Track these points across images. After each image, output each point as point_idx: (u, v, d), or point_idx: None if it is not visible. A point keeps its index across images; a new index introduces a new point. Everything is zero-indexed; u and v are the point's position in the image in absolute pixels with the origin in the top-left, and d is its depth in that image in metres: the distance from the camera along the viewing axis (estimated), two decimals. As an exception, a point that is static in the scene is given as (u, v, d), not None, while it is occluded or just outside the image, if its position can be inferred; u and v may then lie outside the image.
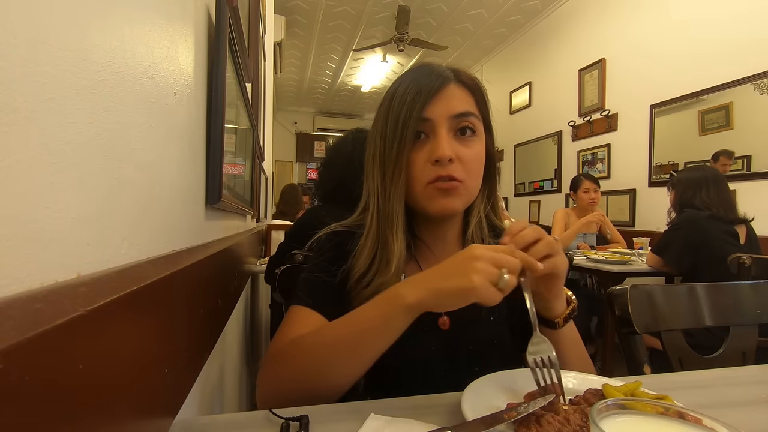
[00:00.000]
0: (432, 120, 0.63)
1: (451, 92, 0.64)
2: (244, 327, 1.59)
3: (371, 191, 0.68)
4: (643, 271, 2.20)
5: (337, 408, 0.51)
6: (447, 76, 0.65)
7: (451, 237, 0.72)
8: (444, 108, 0.63)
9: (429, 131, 0.63)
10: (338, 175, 1.39)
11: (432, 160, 0.62)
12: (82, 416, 0.24)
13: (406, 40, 4.71)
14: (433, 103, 0.63)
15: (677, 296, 0.91)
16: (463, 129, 0.64)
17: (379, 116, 0.68)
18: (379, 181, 0.66)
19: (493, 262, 0.48)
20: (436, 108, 0.63)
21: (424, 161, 0.63)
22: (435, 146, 0.62)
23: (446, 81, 0.65)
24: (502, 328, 0.70)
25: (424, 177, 0.63)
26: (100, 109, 0.32)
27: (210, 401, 0.82)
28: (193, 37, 0.62)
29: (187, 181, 0.60)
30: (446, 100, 0.63)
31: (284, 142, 8.11)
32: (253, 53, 1.45)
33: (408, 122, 0.62)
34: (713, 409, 0.52)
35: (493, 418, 0.43)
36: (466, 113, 0.64)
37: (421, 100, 0.62)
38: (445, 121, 0.63)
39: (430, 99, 0.63)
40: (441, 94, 0.63)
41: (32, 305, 0.22)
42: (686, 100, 2.96)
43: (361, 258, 0.66)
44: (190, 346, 0.51)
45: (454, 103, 0.64)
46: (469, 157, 0.63)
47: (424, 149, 0.63)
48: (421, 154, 0.63)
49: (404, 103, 0.63)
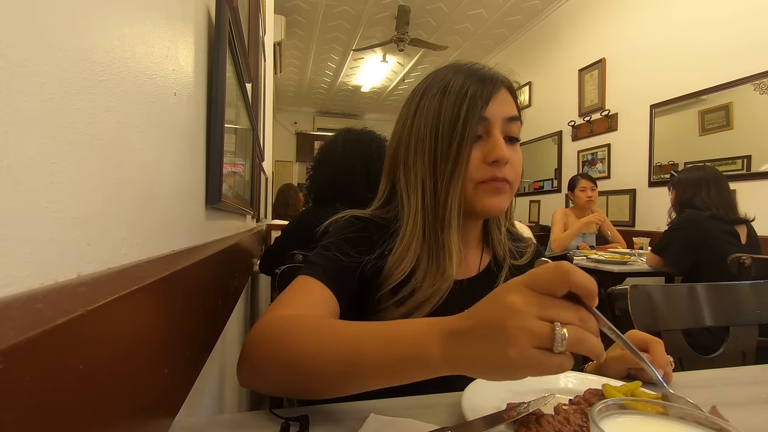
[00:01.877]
0: (489, 120, 0.62)
1: (504, 95, 0.65)
2: (244, 327, 1.59)
3: (414, 191, 0.64)
4: (643, 271, 2.20)
5: (337, 408, 0.51)
6: (502, 80, 0.65)
7: (473, 240, 0.74)
8: (501, 110, 0.63)
9: (484, 131, 0.63)
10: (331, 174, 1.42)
11: (489, 161, 0.61)
12: (82, 416, 0.24)
13: (406, 40, 4.71)
14: (494, 104, 0.63)
15: (677, 296, 0.91)
16: (511, 137, 0.64)
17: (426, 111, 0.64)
18: (429, 181, 0.63)
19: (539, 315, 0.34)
20: (494, 109, 0.63)
21: (480, 161, 0.62)
22: (494, 147, 0.61)
23: (501, 85, 0.65)
24: None
25: (477, 176, 0.62)
26: (100, 109, 0.32)
27: (210, 401, 0.82)
28: (193, 37, 0.62)
29: (187, 181, 0.60)
30: (501, 103, 0.64)
31: (284, 142, 8.10)
32: (253, 53, 1.45)
33: (470, 119, 0.61)
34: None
35: (493, 418, 0.43)
36: (516, 117, 0.65)
37: (484, 97, 0.62)
38: (500, 122, 0.63)
39: (491, 97, 0.62)
40: (498, 96, 0.64)
41: (32, 305, 0.22)
42: (686, 100, 2.96)
43: (402, 265, 0.62)
44: (190, 346, 0.51)
45: (507, 107, 0.65)
46: (517, 162, 0.65)
47: (479, 148, 0.63)
48: (476, 153, 0.62)
49: (463, 99, 0.61)
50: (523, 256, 0.75)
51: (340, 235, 0.66)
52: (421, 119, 0.64)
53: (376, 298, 0.64)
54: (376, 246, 0.65)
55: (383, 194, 0.71)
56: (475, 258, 0.74)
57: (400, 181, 0.66)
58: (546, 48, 4.59)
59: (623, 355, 0.60)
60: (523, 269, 0.75)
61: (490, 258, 0.75)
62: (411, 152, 0.65)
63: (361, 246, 0.64)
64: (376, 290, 0.64)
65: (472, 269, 0.73)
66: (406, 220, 0.64)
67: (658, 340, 0.59)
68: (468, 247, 0.73)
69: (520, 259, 0.75)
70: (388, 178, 0.71)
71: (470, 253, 0.73)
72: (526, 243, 0.78)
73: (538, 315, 0.34)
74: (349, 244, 0.64)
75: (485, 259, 0.75)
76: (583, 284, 0.34)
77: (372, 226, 0.67)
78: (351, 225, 0.68)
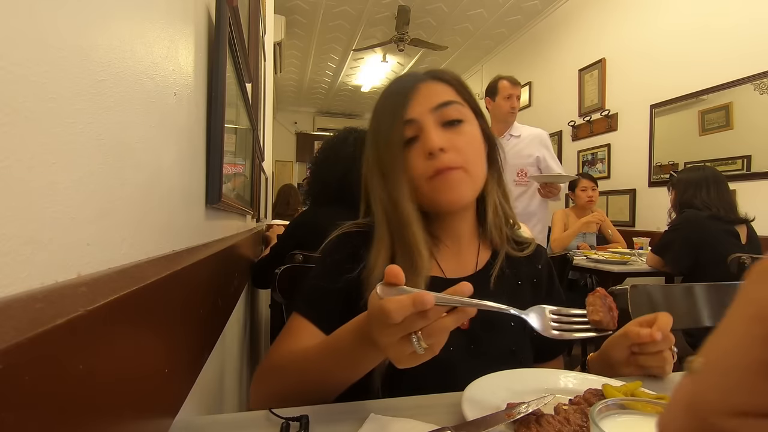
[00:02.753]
0: (416, 119, 0.64)
1: (427, 88, 0.66)
2: (244, 327, 1.59)
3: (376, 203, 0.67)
4: (643, 271, 2.20)
5: (337, 408, 0.51)
6: (420, 76, 0.68)
7: (466, 231, 0.72)
8: (424, 103, 0.65)
9: (418, 131, 0.64)
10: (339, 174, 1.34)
11: (426, 155, 0.63)
12: (82, 416, 0.24)
13: (406, 40, 4.71)
14: (414, 103, 0.65)
15: (677, 296, 0.92)
16: (450, 121, 0.65)
17: (370, 129, 0.70)
18: (381, 189, 0.66)
19: (403, 329, 0.42)
20: (417, 106, 0.65)
21: (422, 159, 0.64)
22: (424, 141, 0.63)
23: (420, 79, 0.67)
24: (522, 336, 0.70)
25: (424, 174, 0.63)
26: (100, 109, 0.32)
27: (210, 401, 0.82)
28: (193, 37, 0.62)
29: (187, 181, 0.60)
30: (424, 96, 0.65)
31: (284, 142, 8.10)
32: (253, 53, 1.45)
33: (394, 124, 0.64)
34: (713, 409, 0.52)
35: (493, 418, 0.43)
36: (447, 102, 0.66)
37: (401, 101, 0.65)
38: (429, 114, 0.64)
39: (408, 99, 0.65)
40: (418, 92, 0.66)
41: (32, 305, 0.22)
42: (686, 100, 2.96)
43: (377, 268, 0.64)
44: (190, 346, 0.51)
45: (432, 97, 0.66)
46: (463, 143, 0.64)
47: (417, 147, 0.64)
48: (416, 153, 0.64)
49: (385, 113, 0.66)
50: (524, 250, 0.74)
51: (329, 260, 0.70)
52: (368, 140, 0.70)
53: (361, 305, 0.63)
54: (363, 259, 0.66)
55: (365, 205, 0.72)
56: (471, 255, 0.73)
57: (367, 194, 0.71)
58: (546, 48, 4.59)
59: (627, 331, 0.61)
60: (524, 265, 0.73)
61: (489, 255, 0.73)
62: (368, 170, 0.69)
63: (348, 264, 0.67)
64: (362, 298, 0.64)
65: (468, 267, 0.72)
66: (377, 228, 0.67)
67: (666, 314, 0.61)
68: (460, 244, 0.72)
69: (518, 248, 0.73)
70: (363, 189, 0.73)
71: (464, 250, 0.72)
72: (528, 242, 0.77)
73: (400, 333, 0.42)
74: (337, 267, 0.67)
75: (483, 257, 0.73)
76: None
77: (360, 239, 0.69)
78: (339, 245, 0.70)
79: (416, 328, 0.42)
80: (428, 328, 0.42)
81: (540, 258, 0.77)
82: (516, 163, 2.46)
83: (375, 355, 0.49)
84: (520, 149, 2.48)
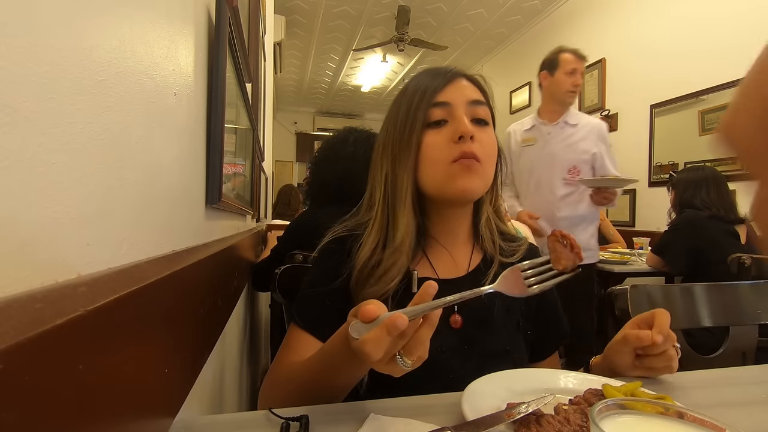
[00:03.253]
0: (450, 104, 0.65)
1: (463, 83, 0.68)
2: (244, 327, 1.59)
3: (378, 182, 0.69)
4: (643, 271, 2.20)
5: (337, 408, 0.51)
6: (458, 72, 0.69)
7: (460, 233, 0.73)
8: (460, 93, 0.66)
9: (448, 116, 0.65)
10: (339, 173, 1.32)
11: (455, 138, 0.63)
12: (82, 416, 0.24)
13: (406, 40, 4.71)
14: (448, 90, 0.66)
15: (677, 296, 0.92)
16: (478, 119, 0.66)
17: (391, 112, 0.70)
18: (388, 168, 0.67)
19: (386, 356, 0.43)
20: (452, 93, 0.66)
21: (447, 141, 0.64)
22: (458, 124, 0.64)
23: (457, 74, 0.69)
24: (516, 336, 0.70)
25: (447, 156, 0.64)
26: (100, 109, 0.32)
27: (210, 401, 0.82)
28: (193, 37, 0.62)
29: (187, 181, 0.60)
30: (460, 89, 0.67)
31: (284, 142, 8.11)
32: (253, 53, 1.45)
33: (420, 105, 0.65)
34: (713, 409, 0.52)
35: (493, 418, 0.43)
36: (480, 101, 0.68)
37: (434, 86, 0.66)
38: (463, 104, 0.65)
39: (443, 86, 0.66)
40: (454, 83, 0.67)
41: (32, 305, 0.22)
42: (686, 100, 2.96)
43: (365, 246, 0.66)
44: (190, 346, 0.51)
45: (467, 91, 0.67)
46: (486, 141, 0.66)
47: (444, 131, 0.65)
48: (442, 136, 0.65)
49: (416, 92, 0.67)
50: (514, 255, 0.74)
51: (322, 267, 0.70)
52: (388, 122, 0.70)
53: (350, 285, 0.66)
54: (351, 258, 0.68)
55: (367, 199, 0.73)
56: (464, 257, 0.73)
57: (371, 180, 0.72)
58: (546, 48, 4.54)
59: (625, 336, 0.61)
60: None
61: (481, 258, 0.74)
62: (380, 153, 0.70)
63: (341, 269, 0.67)
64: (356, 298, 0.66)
65: (461, 269, 0.72)
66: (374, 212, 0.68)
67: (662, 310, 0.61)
68: (455, 245, 0.72)
69: (511, 258, 0.73)
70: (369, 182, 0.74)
71: (458, 252, 0.72)
72: (519, 242, 0.77)
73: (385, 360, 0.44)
74: (330, 273, 0.68)
75: (475, 259, 0.73)
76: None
77: (352, 241, 0.69)
78: (331, 251, 0.71)
79: (398, 348, 0.43)
80: (407, 346, 0.43)
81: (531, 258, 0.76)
82: (569, 158, 2.01)
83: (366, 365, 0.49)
84: (575, 141, 2.01)
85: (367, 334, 0.42)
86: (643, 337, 0.58)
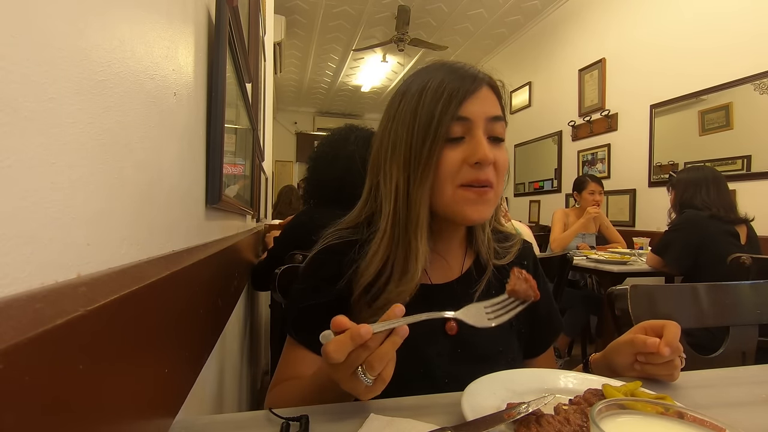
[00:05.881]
0: (471, 120, 0.60)
1: (485, 94, 0.62)
2: (244, 327, 1.59)
3: (388, 193, 0.63)
4: (643, 271, 2.20)
5: (337, 408, 0.51)
6: (482, 78, 0.63)
7: (456, 241, 0.71)
8: (481, 109, 0.61)
9: (466, 132, 0.60)
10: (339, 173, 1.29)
11: (471, 162, 0.59)
12: (82, 416, 0.24)
13: (406, 40, 4.71)
14: (471, 103, 0.60)
15: (677, 296, 0.91)
16: (496, 137, 0.62)
17: (403, 112, 0.63)
18: (402, 182, 0.62)
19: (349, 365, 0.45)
20: (474, 108, 0.60)
21: (460, 162, 0.59)
22: (476, 147, 0.59)
23: (482, 83, 0.62)
24: (509, 335, 0.70)
25: (458, 178, 0.59)
26: (100, 109, 0.32)
27: (210, 401, 0.82)
28: (193, 37, 0.62)
29: (187, 181, 0.60)
30: (482, 102, 0.61)
31: (284, 142, 8.10)
32: (253, 53, 1.44)
33: (443, 119, 0.59)
34: (713, 409, 0.52)
35: (493, 418, 0.43)
36: (500, 117, 0.63)
37: (459, 97, 0.59)
38: (483, 122, 0.61)
39: (467, 98, 0.60)
40: (478, 94, 0.61)
41: (32, 305, 0.22)
42: (686, 100, 2.96)
43: (372, 265, 0.62)
44: (190, 346, 0.51)
45: (489, 106, 0.62)
46: (502, 163, 0.62)
47: (460, 149, 0.60)
48: (456, 154, 0.59)
49: (438, 99, 0.59)
50: (507, 255, 0.72)
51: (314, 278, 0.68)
52: (399, 121, 0.63)
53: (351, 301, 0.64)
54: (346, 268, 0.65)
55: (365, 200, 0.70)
56: (457, 261, 0.71)
57: (379, 187, 0.66)
58: (546, 48, 4.59)
59: (632, 339, 0.59)
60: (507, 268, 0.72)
61: (473, 260, 0.72)
62: (388, 156, 0.64)
63: (333, 277, 0.65)
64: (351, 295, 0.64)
65: (454, 272, 0.70)
66: (383, 224, 0.64)
67: (674, 323, 0.58)
68: (450, 252, 0.70)
69: (504, 259, 0.72)
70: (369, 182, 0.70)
71: (452, 257, 0.71)
72: (512, 242, 0.74)
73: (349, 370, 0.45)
74: (323, 285, 0.66)
75: (468, 262, 0.72)
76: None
77: (347, 251, 0.66)
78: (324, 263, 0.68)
79: (361, 360, 0.44)
80: (369, 359, 0.44)
81: (525, 256, 0.76)
82: None
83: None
84: None
85: (333, 339, 0.44)
86: (650, 345, 0.56)
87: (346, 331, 0.44)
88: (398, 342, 0.45)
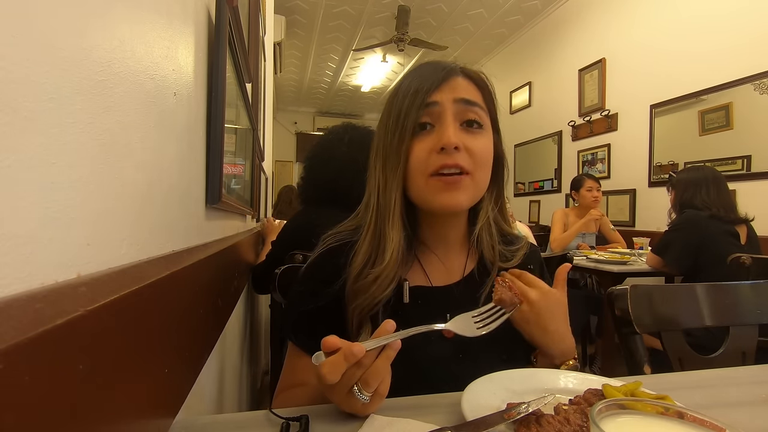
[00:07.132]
0: (438, 103, 0.60)
1: (457, 82, 0.62)
2: (244, 327, 1.59)
3: (373, 187, 0.66)
4: (643, 271, 2.20)
5: (337, 408, 0.51)
6: (453, 67, 0.64)
7: (454, 238, 0.70)
8: (449, 93, 0.61)
9: (435, 119, 0.61)
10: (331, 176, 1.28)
11: (437, 148, 0.58)
12: (82, 416, 0.24)
13: (406, 40, 4.71)
14: (440, 90, 0.61)
15: (677, 296, 0.91)
16: (470, 121, 0.61)
17: (384, 112, 0.66)
18: (380, 174, 0.64)
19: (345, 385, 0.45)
20: (442, 93, 0.61)
21: (429, 151, 0.59)
22: (441, 133, 0.59)
23: (452, 72, 0.63)
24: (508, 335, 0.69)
25: (428, 167, 0.59)
26: (100, 109, 0.32)
27: (210, 401, 0.82)
28: (193, 37, 0.62)
29: (186, 181, 0.60)
30: (452, 88, 0.61)
31: (284, 142, 8.11)
32: (253, 53, 1.44)
33: (410, 110, 0.60)
34: (713, 409, 0.52)
35: (493, 418, 0.43)
36: (473, 102, 0.62)
37: (425, 88, 0.60)
38: (451, 104, 0.60)
39: (436, 86, 0.61)
40: (447, 83, 0.61)
41: (32, 305, 0.22)
42: (686, 100, 2.96)
43: (359, 254, 0.64)
44: (190, 346, 0.51)
45: (460, 90, 0.62)
46: (477, 148, 0.60)
47: (429, 138, 0.60)
48: (425, 144, 0.60)
49: (408, 94, 0.61)
50: (513, 258, 0.71)
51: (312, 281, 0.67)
52: (382, 120, 0.66)
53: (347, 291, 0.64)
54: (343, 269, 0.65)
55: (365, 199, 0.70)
56: (458, 263, 0.70)
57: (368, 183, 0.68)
58: (546, 48, 4.59)
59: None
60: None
61: (476, 263, 0.71)
62: (373, 157, 0.67)
63: (331, 279, 0.65)
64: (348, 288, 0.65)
65: (455, 275, 0.69)
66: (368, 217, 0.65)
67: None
68: (449, 251, 0.70)
69: (510, 262, 0.70)
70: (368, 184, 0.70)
71: (452, 258, 0.70)
72: (518, 246, 0.73)
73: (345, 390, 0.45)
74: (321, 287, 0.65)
75: (470, 265, 0.71)
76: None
77: (343, 250, 0.66)
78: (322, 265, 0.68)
79: (357, 378, 0.44)
80: (364, 376, 0.44)
81: (531, 259, 0.75)
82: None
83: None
84: None
85: (326, 360, 0.44)
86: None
87: (338, 351, 0.44)
88: (392, 356, 0.46)
